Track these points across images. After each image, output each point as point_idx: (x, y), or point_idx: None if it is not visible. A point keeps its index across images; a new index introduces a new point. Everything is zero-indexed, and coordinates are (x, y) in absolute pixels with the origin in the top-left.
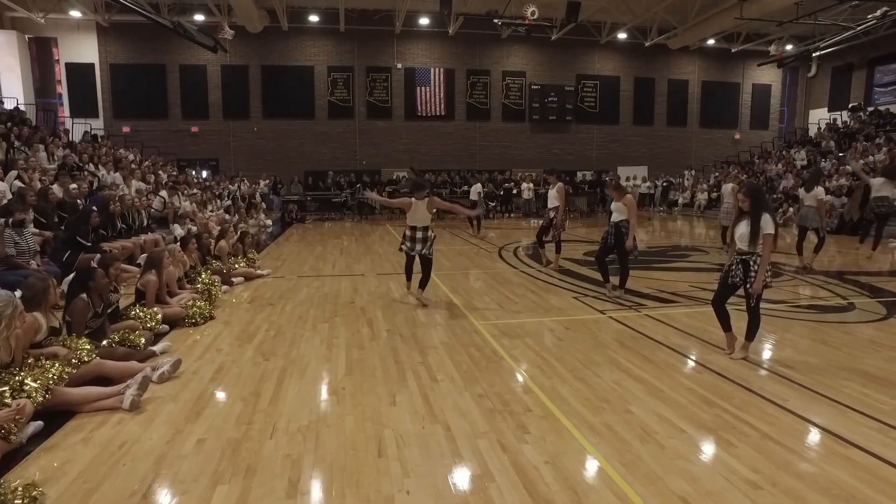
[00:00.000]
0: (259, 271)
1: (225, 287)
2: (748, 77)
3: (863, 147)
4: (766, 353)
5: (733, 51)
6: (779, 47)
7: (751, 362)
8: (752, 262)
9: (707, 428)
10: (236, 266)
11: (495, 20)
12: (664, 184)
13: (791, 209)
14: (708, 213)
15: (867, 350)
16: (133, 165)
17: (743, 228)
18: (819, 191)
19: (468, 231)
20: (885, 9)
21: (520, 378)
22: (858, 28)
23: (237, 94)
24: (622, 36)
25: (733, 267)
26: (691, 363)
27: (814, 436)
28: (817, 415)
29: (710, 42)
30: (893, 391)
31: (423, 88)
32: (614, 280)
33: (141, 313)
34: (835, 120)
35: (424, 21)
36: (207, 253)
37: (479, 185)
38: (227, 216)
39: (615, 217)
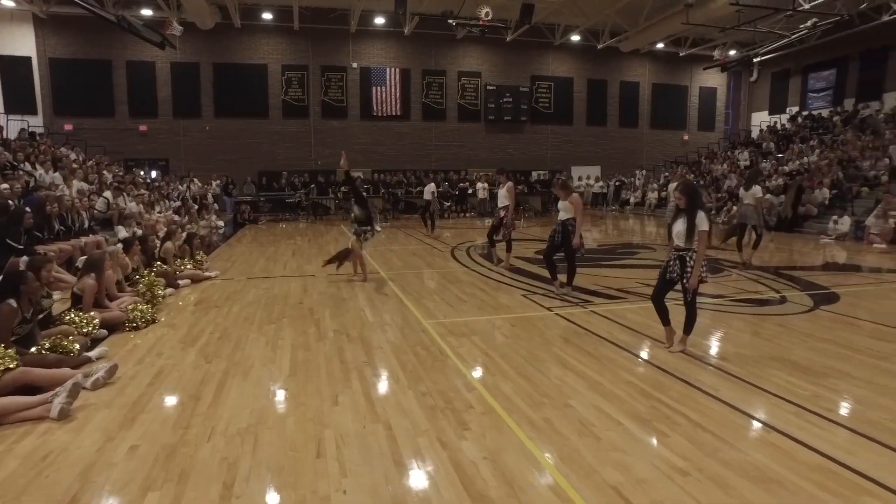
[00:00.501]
0: (207, 273)
1: (170, 290)
2: (695, 80)
3: (799, 149)
4: (704, 346)
5: (681, 54)
6: (722, 52)
7: (688, 355)
8: (688, 259)
9: (642, 419)
10: (183, 268)
11: (450, 20)
12: (616, 183)
13: (735, 207)
14: (658, 211)
15: (796, 341)
16: (75, 165)
17: (680, 226)
18: (757, 189)
19: (422, 231)
20: (814, 20)
21: (464, 376)
22: (794, 36)
23: (188, 92)
24: (575, 38)
25: (671, 263)
26: (633, 357)
27: (741, 423)
28: (745, 403)
29: (660, 46)
30: (813, 378)
31: (378, 88)
32: (562, 277)
33: (77, 318)
34: (775, 123)
35: (380, 20)
36: (152, 256)
37: (432, 184)
38: (176, 217)
39: (562, 215)
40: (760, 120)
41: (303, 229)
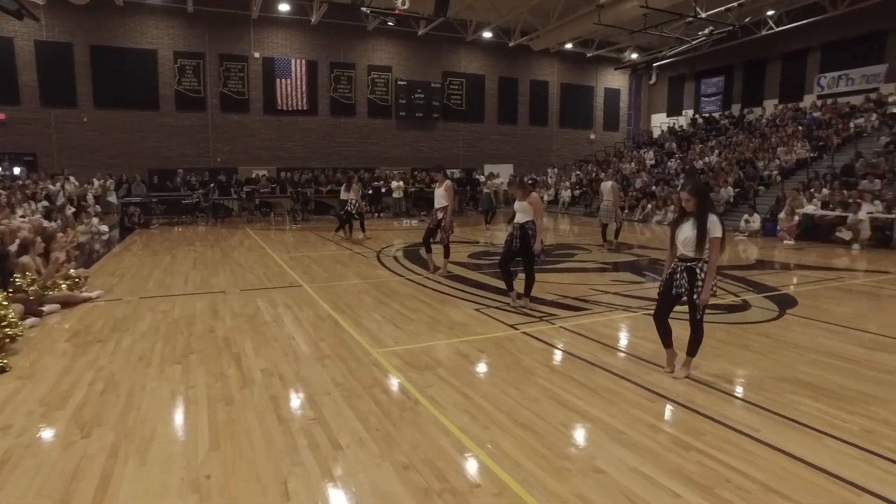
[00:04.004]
0: (85, 293)
1: (31, 320)
2: (601, 81)
3: (700, 149)
4: (702, 367)
5: (588, 55)
6: (628, 55)
7: (693, 380)
8: (698, 270)
9: (699, 485)
10: (52, 289)
11: (363, 8)
12: (529, 182)
13: (650, 205)
14: (573, 209)
15: (791, 354)
16: None
17: (687, 232)
18: None
19: (339, 234)
20: (710, 28)
21: (448, 432)
22: (694, 42)
23: (60, 77)
24: (487, 35)
25: (677, 276)
26: (635, 388)
27: (815, 480)
28: (797, 446)
29: (568, 46)
30: (843, 404)
31: (283, 81)
32: (518, 287)
33: None
34: (673, 124)
35: (284, 7)
36: (10, 274)
37: (354, 184)
38: (45, 222)
39: (520, 218)
40: (660, 121)
41: (203, 233)
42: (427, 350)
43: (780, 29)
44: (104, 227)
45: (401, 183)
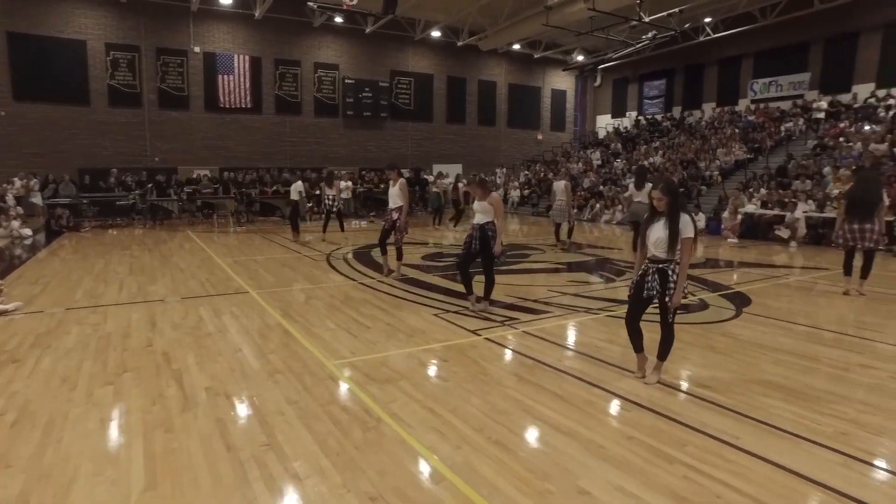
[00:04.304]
0: (1, 306)
1: None
2: (548, 82)
3: (645, 149)
4: (671, 370)
5: (535, 56)
6: (574, 57)
7: (666, 385)
8: (670, 272)
9: (690, 502)
10: None
11: (309, 3)
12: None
13: (598, 205)
14: (521, 209)
15: (755, 354)
16: None
17: (659, 232)
18: (650, 187)
19: (285, 236)
20: (654, 32)
21: (416, 454)
22: (638, 45)
23: None
24: (436, 34)
25: (648, 278)
26: (608, 396)
27: (804, 490)
28: (779, 453)
29: (516, 47)
30: (812, 405)
31: (225, 77)
32: (477, 290)
33: None
34: (618, 125)
35: (226, 0)
36: None
37: (300, 182)
38: None
39: (479, 218)
40: (605, 122)
41: (140, 237)
42: (386, 360)
43: (716, 36)
44: (27, 231)
45: (349, 183)
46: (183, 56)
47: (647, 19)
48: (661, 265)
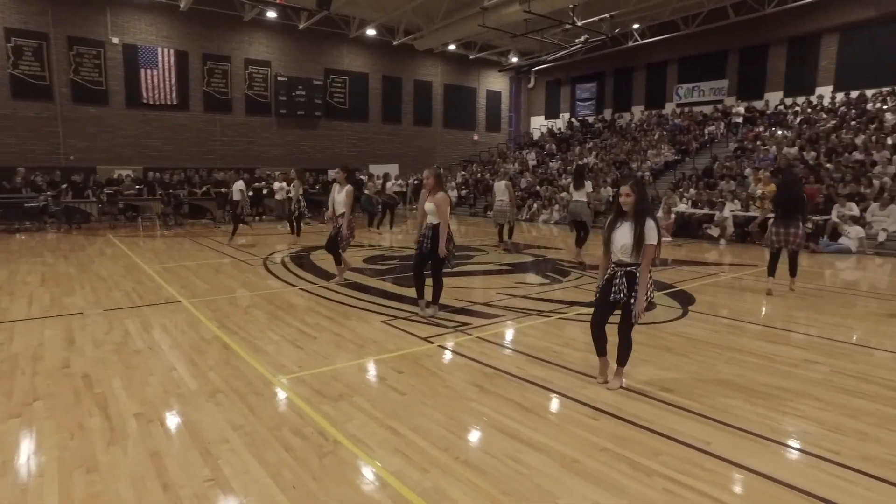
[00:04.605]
0: None
1: None
2: (483, 83)
3: (580, 150)
4: (631, 374)
5: (471, 57)
6: (509, 59)
7: (630, 390)
8: (638, 275)
9: None
10: None
11: None
12: (415, 182)
13: (536, 205)
14: (459, 210)
15: (710, 354)
16: None
17: (624, 237)
18: (588, 185)
19: (217, 239)
20: (586, 36)
21: (381, 480)
22: (571, 49)
23: None
24: (371, 32)
25: (616, 281)
26: (575, 405)
27: (780, 495)
28: (750, 456)
29: (452, 47)
30: (774, 405)
31: (149, 71)
32: (427, 295)
33: None
34: (552, 126)
35: None
36: None
37: (241, 181)
38: None
39: (431, 218)
40: (539, 123)
41: (54, 242)
42: (337, 374)
43: (643, 42)
44: None
45: (284, 184)
46: (100, 47)
47: (579, 23)
48: (628, 268)
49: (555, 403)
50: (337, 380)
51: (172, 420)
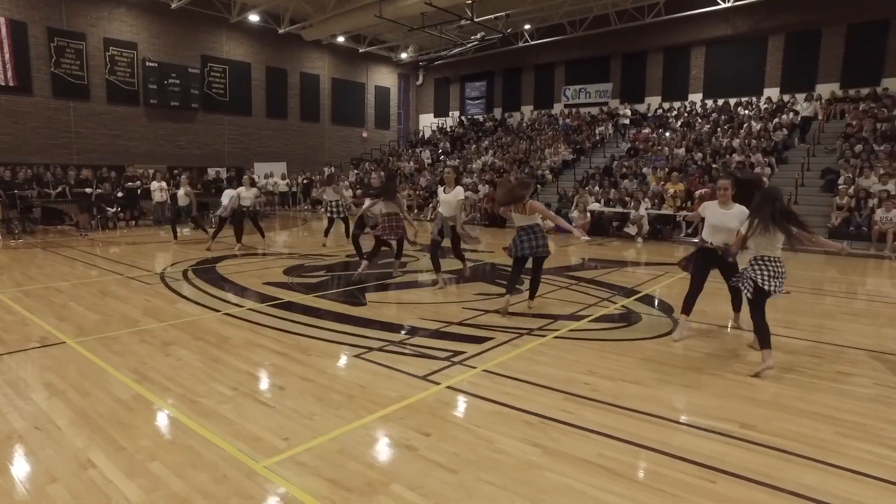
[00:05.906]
0: None
1: None
2: (371, 79)
3: (476, 148)
4: (693, 409)
5: (360, 51)
6: (404, 54)
7: (701, 428)
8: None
9: None
10: None
11: None
12: (305, 181)
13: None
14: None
15: (739, 371)
16: None
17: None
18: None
19: (82, 249)
20: (482, 33)
21: None
22: (468, 45)
23: None
24: (254, 18)
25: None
26: (673, 461)
27: None
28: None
29: (341, 39)
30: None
31: None
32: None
33: None
34: (442, 124)
35: None
36: None
37: (188, 186)
38: None
39: (446, 210)
40: (429, 121)
41: None
42: (345, 446)
43: (533, 43)
44: None
45: (163, 184)
46: None
47: (478, 20)
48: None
49: (643, 461)
50: (349, 457)
51: None
